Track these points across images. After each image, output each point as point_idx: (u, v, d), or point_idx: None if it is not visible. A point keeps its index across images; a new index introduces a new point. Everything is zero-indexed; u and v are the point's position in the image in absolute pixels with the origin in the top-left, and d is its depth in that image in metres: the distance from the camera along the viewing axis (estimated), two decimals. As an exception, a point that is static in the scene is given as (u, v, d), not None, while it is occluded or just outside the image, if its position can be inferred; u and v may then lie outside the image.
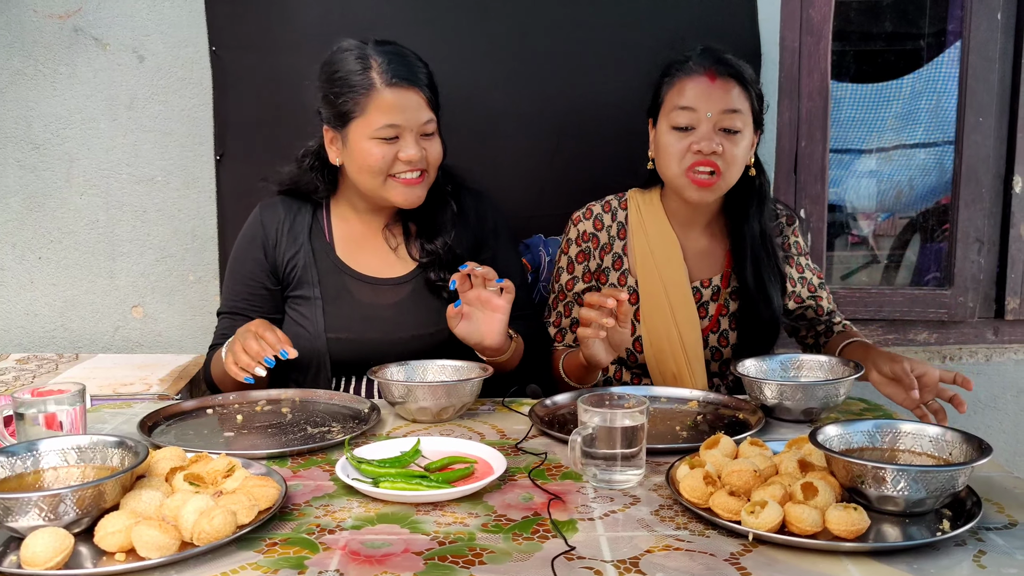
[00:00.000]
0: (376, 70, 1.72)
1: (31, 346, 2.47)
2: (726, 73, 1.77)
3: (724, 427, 1.52)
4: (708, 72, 1.76)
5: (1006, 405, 2.62)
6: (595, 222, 1.93)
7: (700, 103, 1.75)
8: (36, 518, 1.02)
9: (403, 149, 1.74)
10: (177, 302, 2.48)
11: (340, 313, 1.83)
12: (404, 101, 1.73)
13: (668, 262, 1.87)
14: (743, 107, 1.77)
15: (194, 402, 1.65)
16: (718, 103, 1.75)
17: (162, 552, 1.00)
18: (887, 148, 3.03)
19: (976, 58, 2.49)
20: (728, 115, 1.75)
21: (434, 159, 1.79)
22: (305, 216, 1.89)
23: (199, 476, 1.18)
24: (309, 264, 1.85)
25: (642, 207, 1.92)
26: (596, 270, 1.93)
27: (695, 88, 1.76)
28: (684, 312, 1.85)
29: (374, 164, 1.74)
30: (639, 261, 1.89)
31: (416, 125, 1.74)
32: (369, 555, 1.03)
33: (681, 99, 1.77)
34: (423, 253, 1.87)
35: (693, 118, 1.76)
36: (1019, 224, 2.55)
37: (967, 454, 1.15)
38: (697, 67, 1.78)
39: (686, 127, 1.76)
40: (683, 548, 1.05)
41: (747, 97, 1.78)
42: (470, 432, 1.52)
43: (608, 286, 1.92)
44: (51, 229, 2.44)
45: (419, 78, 1.74)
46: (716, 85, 1.76)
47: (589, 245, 1.93)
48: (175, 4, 2.36)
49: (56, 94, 2.39)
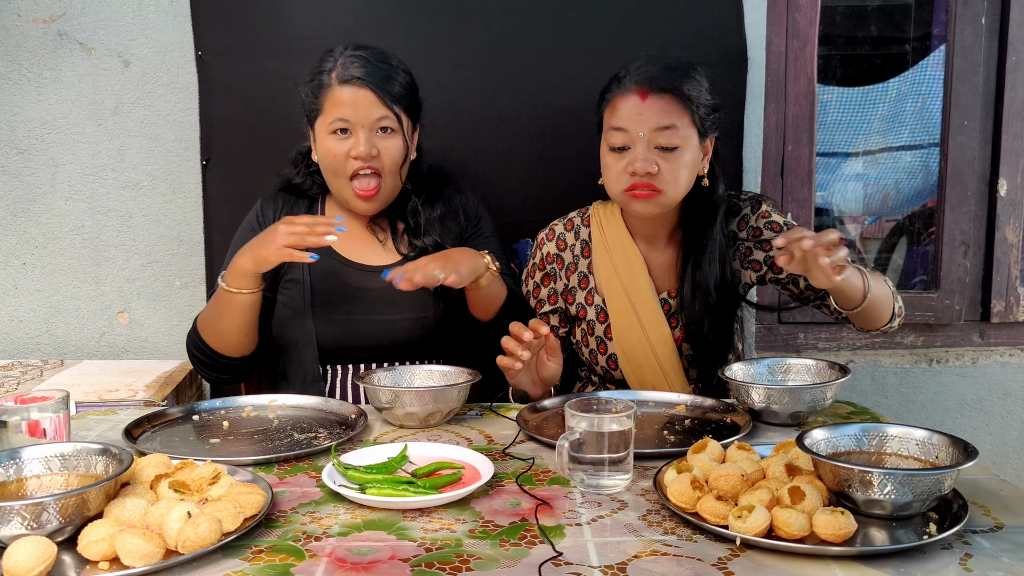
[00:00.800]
0: (336, 70, 1.80)
1: (15, 352, 2.46)
2: (658, 88, 1.69)
3: (711, 431, 1.52)
4: (639, 89, 1.69)
5: (992, 407, 2.63)
6: (558, 242, 1.93)
7: (631, 123, 1.70)
8: (19, 527, 1.01)
9: (354, 146, 1.79)
10: (163, 308, 2.47)
11: (327, 294, 1.88)
12: (354, 97, 1.78)
13: (633, 279, 1.85)
14: (680, 121, 1.69)
15: (180, 408, 1.64)
16: (650, 121, 1.69)
17: (146, 560, 1.00)
18: (873, 151, 3.04)
19: (961, 61, 2.50)
20: (662, 132, 1.69)
21: (390, 160, 1.82)
22: (301, 208, 1.97)
23: (184, 483, 1.17)
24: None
25: (604, 223, 1.89)
26: (564, 290, 1.92)
27: (626, 107, 1.70)
28: (655, 326, 1.84)
29: (331, 162, 1.81)
30: (604, 280, 1.87)
31: (368, 122, 1.79)
32: (356, 562, 1.03)
33: (614, 119, 1.72)
34: (411, 248, 1.92)
35: (627, 138, 1.71)
36: (1004, 227, 2.56)
37: (953, 457, 1.16)
38: (629, 85, 1.71)
39: (621, 147, 1.72)
40: (671, 553, 1.05)
41: (685, 109, 1.70)
42: (457, 437, 1.51)
43: (576, 306, 1.91)
44: (36, 235, 2.43)
45: (376, 77, 1.79)
46: (647, 103, 1.69)
47: (554, 266, 1.92)
48: (160, 8, 2.35)
49: (41, 99, 2.37)
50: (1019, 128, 2.52)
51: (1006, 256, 2.57)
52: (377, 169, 1.81)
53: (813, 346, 2.60)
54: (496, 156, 2.35)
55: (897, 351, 2.61)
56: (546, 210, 2.07)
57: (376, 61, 1.81)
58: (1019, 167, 2.54)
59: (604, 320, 1.88)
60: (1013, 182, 2.54)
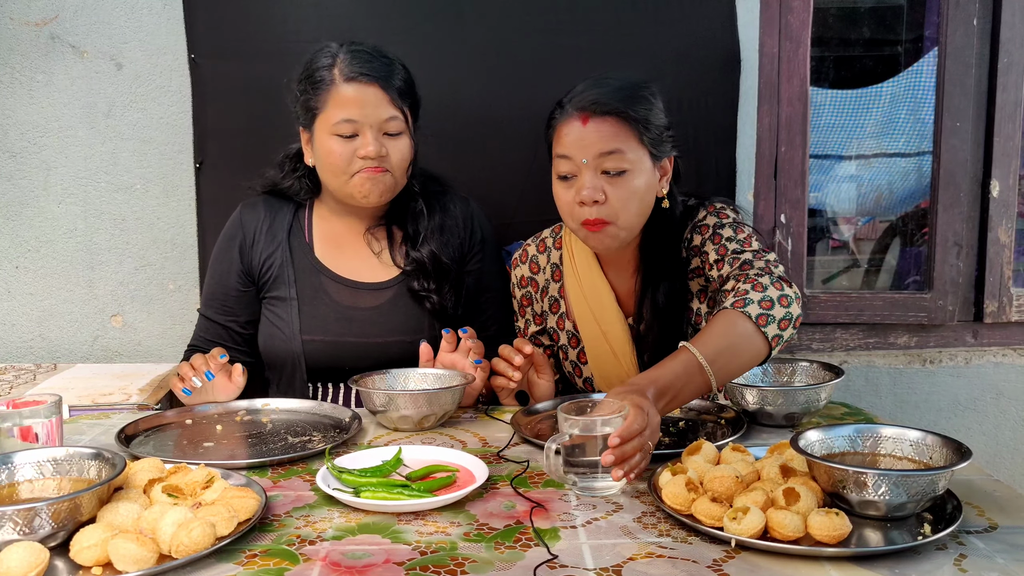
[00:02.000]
0: (339, 67, 1.72)
1: (8, 356, 2.45)
2: (601, 112, 1.58)
3: (706, 433, 1.52)
4: (580, 115, 1.59)
5: (985, 408, 2.64)
6: (531, 265, 1.90)
7: (574, 150, 1.60)
8: (11, 532, 1.01)
9: (362, 146, 1.71)
10: (157, 311, 2.46)
11: (316, 314, 1.82)
12: (362, 96, 1.71)
13: (601, 307, 1.78)
14: (626, 144, 1.58)
15: (174, 412, 1.63)
16: (593, 147, 1.58)
17: (139, 565, 0.99)
18: (866, 153, 3.05)
19: (953, 63, 2.51)
20: (607, 157, 1.58)
21: (398, 160, 1.75)
22: (286, 215, 1.89)
23: (178, 487, 1.17)
24: (286, 263, 1.84)
25: (574, 247, 1.82)
26: (541, 313, 1.91)
27: (569, 133, 1.60)
28: (624, 353, 1.78)
29: (335, 162, 1.73)
30: (575, 305, 1.82)
31: (376, 121, 1.72)
32: (350, 566, 1.02)
33: (559, 146, 1.63)
34: (408, 260, 1.85)
35: (572, 166, 1.61)
36: (997, 228, 2.57)
37: (947, 458, 1.16)
38: (570, 109, 1.61)
39: (568, 175, 1.63)
40: (666, 555, 1.05)
41: (632, 131, 1.59)
42: (452, 440, 1.51)
43: (550, 329, 1.90)
44: (28, 238, 2.42)
45: (383, 75, 1.72)
46: (589, 128, 1.58)
47: (529, 289, 1.91)
48: (153, 12, 2.35)
49: (33, 102, 2.37)
50: (1011, 130, 2.53)
51: (999, 257, 2.58)
52: (386, 169, 1.74)
53: (807, 347, 2.61)
54: (490, 159, 2.35)
55: (891, 352, 2.62)
56: (539, 213, 2.06)
57: (383, 56, 1.75)
58: (1011, 168, 2.55)
59: (576, 345, 1.85)
60: (1005, 183, 2.55)
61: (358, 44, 1.76)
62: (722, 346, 1.42)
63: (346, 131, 1.71)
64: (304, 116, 1.78)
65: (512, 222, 2.28)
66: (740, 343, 1.44)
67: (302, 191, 1.89)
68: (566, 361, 1.89)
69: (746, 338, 1.44)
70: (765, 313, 1.45)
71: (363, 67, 1.71)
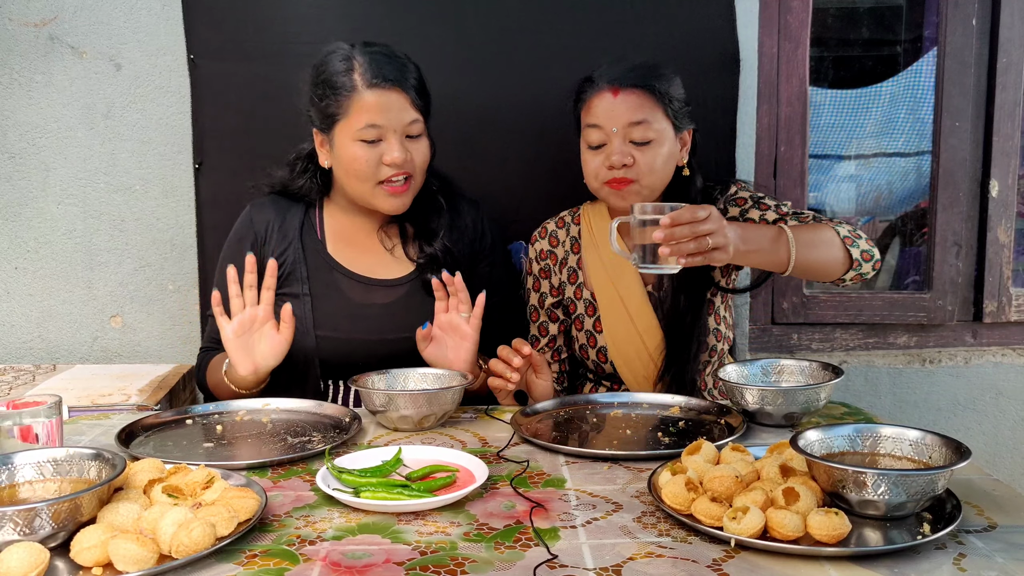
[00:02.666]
0: (358, 71, 1.71)
1: (7, 357, 2.45)
2: (629, 84, 1.76)
3: (706, 433, 1.52)
4: (611, 87, 1.76)
5: (985, 407, 2.64)
6: (550, 239, 1.98)
7: (605, 119, 1.76)
8: (11, 532, 1.01)
9: (387, 151, 1.72)
10: (156, 312, 2.46)
11: (329, 311, 1.82)
12: (386, 101, 1.71)
13: (621, 273, 1.89)
14: (652, 115, 1.76)
15: (173, 413, 1.63)
16: (622, 117, 1.75)
17: (140, 566, 0.99)
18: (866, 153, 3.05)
19: (952, 63, 2.51)
20: (635, 127, 1.75)
21: (420, 162, 1.77)
22: (297, 214, 1.89)
23: (178, 488, 1.17)
24: (299, 260, 1.84)
25: (593, 222, 1.94)
26: (559, 285, 1.96)
27: (600, 104, 1.78)
28: (643, 318, 1.88)
29: (360, 168, 1.73)
30: (593, 275, 1.92)
31: (400, 126, 1.72)
32: (350, 566, 1.02)
33: (589, 117, 1.79)
34: (421, 255, 1.86)
35: (602, 135, 1.78)
36: (996, 227, 2.57)
37: (946, 457, 1.16)
38: (601, 83, 1.78)
39: (598, 145, 1.79)
40: (665, 555, 1.05)
41: (657, 103, 1.76)
42: (452, 440, 1.51)
43: (566, 299, 1.95)
44: (27, 239, 2.42)
45: (403, 78, 1.72)
46: (619, 99, 1.76)
47: (548, 262, 1.97)
48: (152, 12, 2.35)
49: (32, 103, 2.37)
50: (1010, 129, 2.53)
51: (998, 256, 2.58)
52: (410, 173, 1.76)
53: (807, 347, 2.61)
54: (491, 158, 2.35)
55: (890, 351, 2.62)
56: (540, 212, 2.07)
57: (400, 59, 1.74)
58: (1010, 168, 2.55)
59: (593, 313, 1.92)
60: (1004, 183, 2.55)
61: (372, 45, 1.76)
62: (809, 239, 1.66)
63: (371, 136, 1.72)
64: (322, 121, 1.77)
65: (512, 222, 2.28)
66: (825, 246, 1.68)
67: (313, 191, 1.89)
68: (580, 331, 1.94)
69: (832, 245, 1.69)
70: (852, 237, 1.71)
71: (384, 71, 1.71)
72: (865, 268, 1.73)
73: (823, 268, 1.71)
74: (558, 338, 1.98)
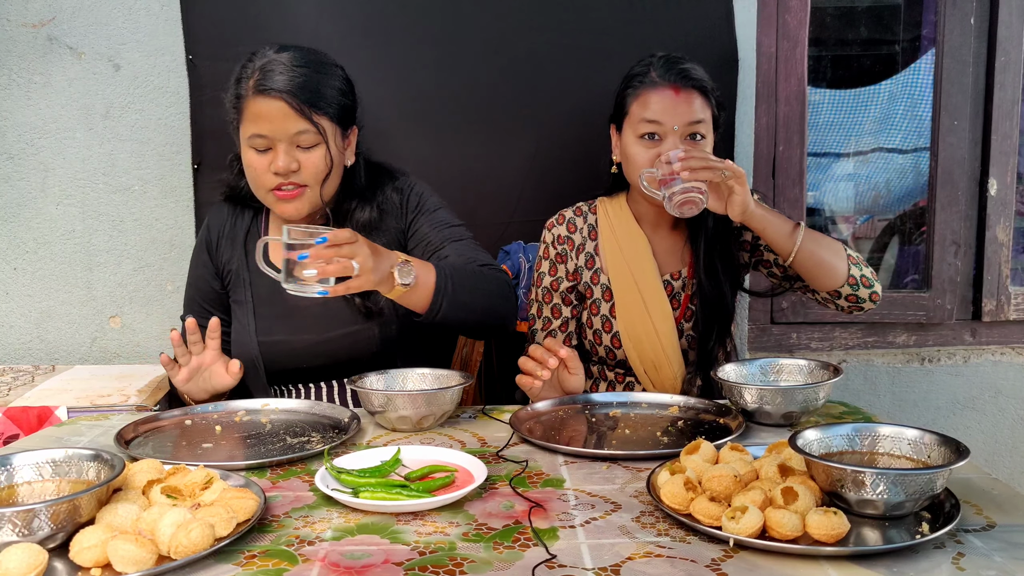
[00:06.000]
0: (253, 79, 1.69)
1: (6, 358, 2.45)
2: (690, 85, 1.83)
3: (704, 432, 1.52)
4: (672, 86, 1.82)
5: (984, 406, 2.64)
6: (568, 226, 2.00)
7: (666, 116, 1.81)
8: (10, 533, 1.01)
9: (274, 160, 1.70)
10: (155, 312, 2.46)
11: (271, 315, 1.83)
12: (269, 110, 1.67)
13: (638, 258, 1.93)
14: (706, 116, 1.84)
15: (172, 413, 1.63)
16: (684, 115, 1.81)
17: (138, 566, 0.99)
18: (864, 152, 3.05)
19: (950, 62, 2.52)
20: (694, 126, 1.82)
21: (311, 173, 1.72)
22: (245, 219, 1.90)
23: (176, 488, 1.17)
24: (242, 267, 1.86)
25: (610, 212, 1.98)
26: (574, 270, 1.98)
27: (661, 102, 1.82)
28: (656, 305, 1.92)
29: (252, 175, 1.74)
30: (609, 260, 1.95)
31: (285, 136, 1.68)
32: (349, 566, 1.02)
33: (646, 111, 1.83)
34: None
35: (660, 130, 1.82)
36: (995, 226, 2.57)
37: (945, 456, 1.16)
38: (661, 80, 1.83)
39: (652, 135, 1.83)
40: (664, 555, 1.05)
41: (708, 105, 1.85)
42: (451, 440, 1.51)
43: (582, 285, 1.97)
44: (26, 239, 2.42)
45: (289, 88, 1.67)
46: (681, 98, 1.82)
47: (565, 247, 1.99)
48: (151, 13, 2.35)
49: (31, 103, 2.37)
50: (1008, 128, 2.53)
51: (997, 255, 2.58)
52: (299, 183, 1.72)
53: (806, 346, 2.61)
54: (489, 157, 2.35)
55: (889, 350, 2.62)
56: (539, 212, 2.07)
57: (298, 66, 1.69)
58: (1008, 167, 2.55)
59: (609, 299, 1.95)
60: (1003, 182, 2.55)
61: (284, 50, 1.72)
62: (818, 237, 1.77)
63: (259, 145, 1.70)
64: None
65: (512, 221, 2.28)
66: (831, 251, 1.77)
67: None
68: (596, 316, 1.97)
69: (837, 255, 1.78)
70: (858, 261, 1.81)
71: (273, 81, 1.67)
72: (862, 292, 1.80)
73: (823, 268, 1.77)
74: (570, 323, 1.99)
